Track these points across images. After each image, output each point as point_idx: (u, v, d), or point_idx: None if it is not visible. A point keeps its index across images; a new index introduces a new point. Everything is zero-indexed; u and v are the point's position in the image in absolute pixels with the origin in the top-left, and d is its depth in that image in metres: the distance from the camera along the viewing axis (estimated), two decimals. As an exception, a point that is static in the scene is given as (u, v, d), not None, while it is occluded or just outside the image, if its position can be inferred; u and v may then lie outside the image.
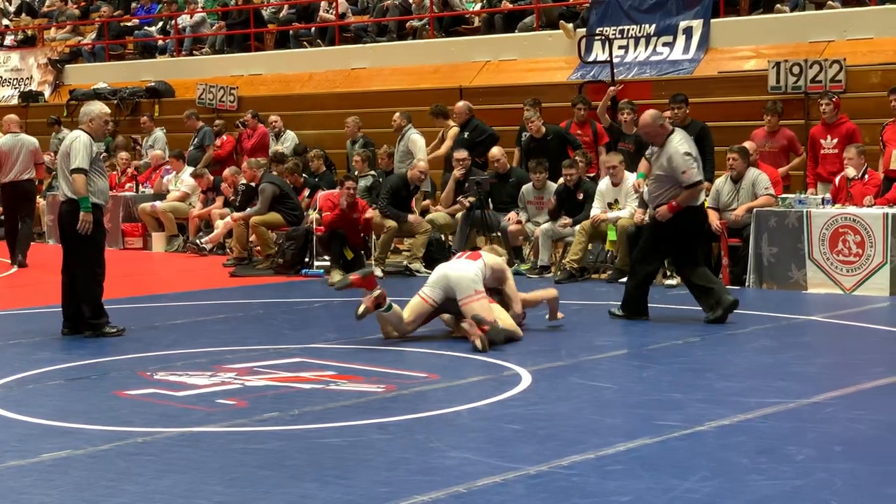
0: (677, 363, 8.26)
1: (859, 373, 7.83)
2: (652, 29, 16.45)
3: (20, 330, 10.16)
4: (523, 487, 5.31)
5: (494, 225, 13.63)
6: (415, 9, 19.55)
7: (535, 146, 14.30)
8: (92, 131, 9.73)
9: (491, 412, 6.85)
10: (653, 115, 10.14)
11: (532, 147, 14.35)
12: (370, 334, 9.51)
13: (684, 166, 9.81)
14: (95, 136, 9.77)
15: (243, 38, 21.54)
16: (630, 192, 12.70)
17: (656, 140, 10.03)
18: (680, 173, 9.81)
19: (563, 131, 14.60)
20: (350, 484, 5.41)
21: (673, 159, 9.84)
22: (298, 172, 15.43)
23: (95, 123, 9.76)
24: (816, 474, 5.47)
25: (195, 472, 5.67)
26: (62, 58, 23.92)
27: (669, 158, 9.86)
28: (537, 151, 14.13)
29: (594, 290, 12.18)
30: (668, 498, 5.13)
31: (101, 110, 9.87)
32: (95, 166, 9.70)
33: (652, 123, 10.03)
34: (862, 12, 15.41)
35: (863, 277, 11.41)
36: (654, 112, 10.25)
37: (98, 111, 9.82)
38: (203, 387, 7.63)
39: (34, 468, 5.79)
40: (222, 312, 11.09)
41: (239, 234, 14.89)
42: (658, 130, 10.00)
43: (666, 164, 9.89)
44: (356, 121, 16.50)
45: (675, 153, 9.85)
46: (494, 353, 8.60)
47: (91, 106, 9.98)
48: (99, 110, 9.85)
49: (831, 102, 12.99)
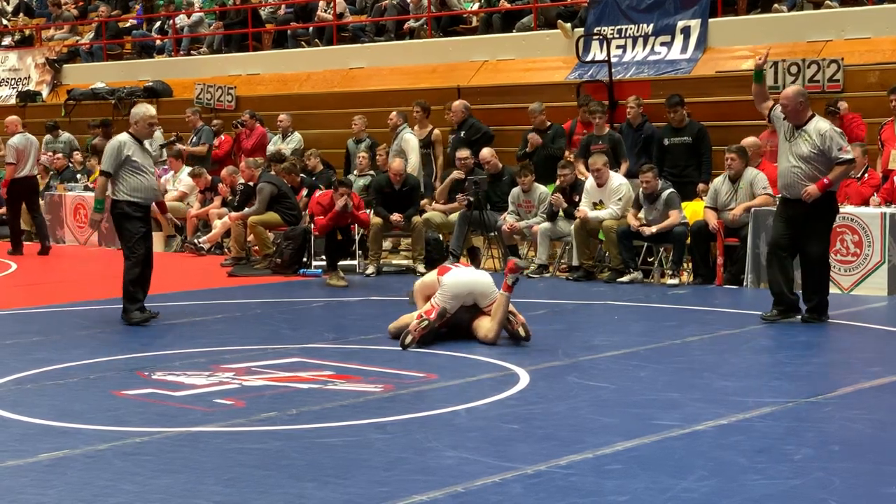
0: (675, 363, 8.26)
1: (857, 372, 7.84)
2: (650, 28, 16.45)
3: (18, 330, 10.16)
4: (521, 487, 5.31)
5: (492, 224, 13.64)
6: (412, 8, 19.54)
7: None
8: (136, 133, 10.47)
9: (489, 412, 6.85)
10: (797, 90, 9.80)
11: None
12: (368, 334, 9.51)
13: (842, 142, 9.60)
14: (140, 136, 10.50)
15: (241, 38, 21.54)
16: (613, 193, 12.76)
17: (798, 118, 9.61)
18: (837, 149, 9.51)
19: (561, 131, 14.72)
20: (348, 484, 5.41)
21: (829, 136, 9.52)
22: (295, 172, 15.42)
23: (139, 125, 10.45)
24: (814, 473, 5.47)
25: (193, 471, 5.67)
26: (60, 57, 23.92)
27: (823, 136, 9.50)
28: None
29: (591, 289, 12.19)
30: (665, 497, 5.13)
31: (145, 112, 10.52)
32: (129, 166, 10.28)
33: (794, 98, 9.62)
34: (859, 12, 15.42)
35: (861, 277, 11.42)
36: (799, 88, 9.93)
37: (141, 114, 10.49)
38: (201, 387, 7.62)
39: (31, 468, 5.79)
40: (220, 312, 11.09)
41: (237, 233, 14.89)
42: (799, 108, 9.59)
43: (818, 142, 9.49)
44: (363, 120, 16.53)
45: (827, 131, 9.55)
46: (493, 353, 8.61)
47: (135, 108, 10.76)
48: (143, 113, 10.50)
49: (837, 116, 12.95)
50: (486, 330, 8.96)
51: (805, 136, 9.59)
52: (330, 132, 18.02)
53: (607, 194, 12.92)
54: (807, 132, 9.58)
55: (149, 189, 10.44)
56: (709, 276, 12.26)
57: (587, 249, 12.97)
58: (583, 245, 12.93)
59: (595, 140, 13.98)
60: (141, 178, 10.32)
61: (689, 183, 13.31)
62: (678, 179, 13.21)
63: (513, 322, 8.99)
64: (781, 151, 9.81)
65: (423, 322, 8.88)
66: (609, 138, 13.95)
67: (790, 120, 9.66)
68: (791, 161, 9.63)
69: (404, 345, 8.82)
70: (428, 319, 8.89)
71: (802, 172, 9.59)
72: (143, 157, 10.42)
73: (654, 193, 12.46)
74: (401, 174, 13.99)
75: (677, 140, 13.69)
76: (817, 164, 9.56)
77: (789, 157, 9.65)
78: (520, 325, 8.96)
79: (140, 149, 10.42)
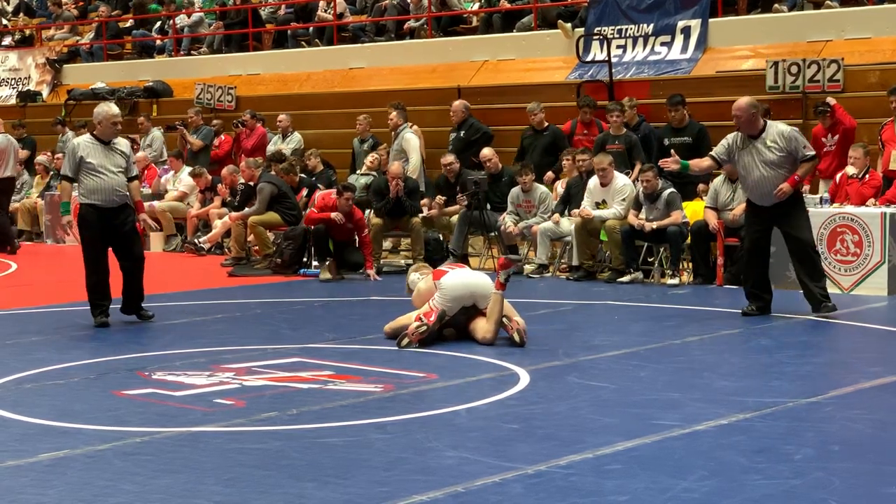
0: (675, 363, 8.26)
1: (857, 372, 7.83)
2: (650, 28, 16.45)
3: (18, 329, 10.16)
4: (521, 487, 5.31)
5: (492, 224, 13.64)
6: (413, 8, 19.54)
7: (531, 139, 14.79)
8: (100, 133, 10.22)
9: (489, 412, 6.85)
10: (749, 101, 10.04)
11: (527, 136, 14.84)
12: (368, 334, 9.51)
13: (803, 140, 10.04)
14: (104, 137, 10.21)
15: (241, 38, 21.54)
16: (617, 193, 12.76)
17: (753, 128, 9.90)
18: (803, 147, 9.90)
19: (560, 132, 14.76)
20: (348, 484, 5.41)
21: (791, 138, 9.87)
22: (295, 172, 15.43)
23: (103, 125, 10.21)
24: (814, 474, 5.47)
25: (193, 471, 5.67)
26: (60, 57, 23.90)
27: (787, 138, 9.85)
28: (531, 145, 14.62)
29: (591, 289, 12.19)
30: (665, 497, 5.13)
31: (108, 112, 10.25)
32: (85, 168, 10.10)
33: (747, 109, 9.91)
34: (860, 12, 15.42)
35: (861, 277, 11.42)
36: (751, 99, 10.14)
37: (104, 113, 10.24)
38: (201, 387, 7.62)
39: (31, 468, 5.78)
40: (220, 312, 11.09)
41: (237, 233, 14.89)
42: (752, 118, 9.89)
43: (783, 144, 9.82)
44: (367, 119, 16.54)
45: (788, 132, 9.90)
46: (493, 353, 8.61)
47: (99, 107, 10.39)
48: (106, 112, 10.24)
49: (827, 116, 13.03)
50: (484, 331, 8.93)
51: (767, 143, 9.87)
52: (330, 132, 18.03)
53: (611, 194, 12.91)
54: (768, 139, 9.88)
55: (107, 190, 10.11)
56: (709, 276, 12.27)
57: (587, 249, 12.97)
58: (583, 245, 12.93)
59: (612, 140, 13.97)
60: (98, 179, 10.07)
61: (690, 183, 13.31)
62: (678, 179, 13.20)
63: (507, 326, 8.91)
64: (747, 167, 9.96)
65: (422, 327, 8.86)
66: (626, 139, 13.92)
67: (744, 130, 9.94)
68: (762, 171, 9.88)
69: (400, 346, 8.82)
70: (427, 324, 8.87)
71: (777, 178, 9.86)
72: (105, 157, 10.13)
73: (654, 193, 12.46)
74: (398, 177, 13.95)
75: (677, 140, 13.69)
76: (788, 165, 9.88)
77: (758, 168, 9.89)
78: (515, 332, 8.84)
79: (102, 150, 10.15)
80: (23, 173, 19.99)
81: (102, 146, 10.19)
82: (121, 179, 10.19)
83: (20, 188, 19.80)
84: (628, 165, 13.56)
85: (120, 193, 10.20)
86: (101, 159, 10.11)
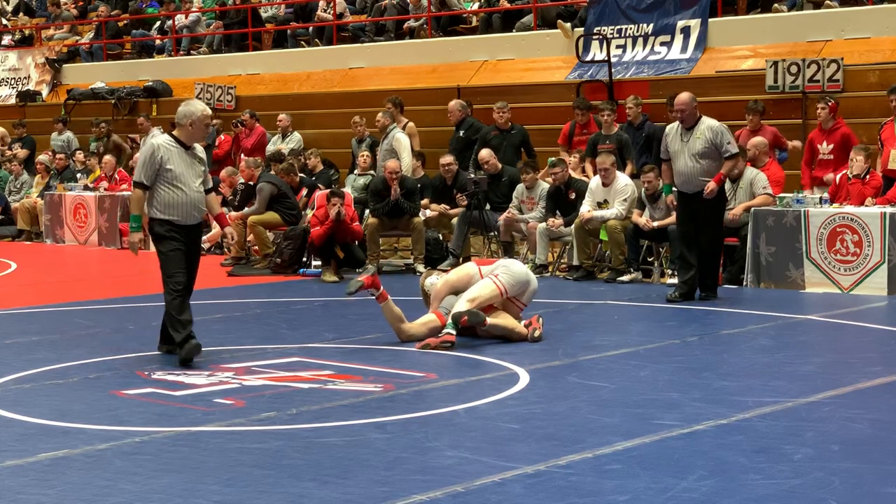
0: (675, 362, 8.26)
1: (857, 372, 7.83)
2: (650, 28, 16.46)
3: (18, 329, 10.16)
4: (521, 487, 5.31)
5: (492, 224, 13.65)
6: (412, 8, 19.54)
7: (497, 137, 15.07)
8: (186, 136, 8.49)
9: (489, 412, 6.85)
10: (690, 95, 10.97)
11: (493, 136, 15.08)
12: (368, 334, 9.51)
13: (730, 136, 10.92)
14: (189, 140, 8.50)
15: (241, 38, 21.54)
16: (619, 193, 12.76)
17: (689, 121, 10.83)
18: (727, 143, 10.80)
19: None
20: (348, 483, 5.41)
21: (719, 132, 10.78)
22: (294, 172, 15.42)
23: (195, 127, 8.51)
24: (814, 473, 5.47)
25: (193, 471, 5.67)
26: (60, 57, 23.91)
27: (714, 132, 10.77)
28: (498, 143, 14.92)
29: (591, 289, 12.19)
30: (665, 497, 5.13)
31: (203, 112, 8.54)
32: (164, 176, 8.39)
33: (690, 102, 10.84)
34: (859, 12, 15.42)
35: (860, 277, 11.42)
36: (690, 94, 11.02)
37: (195, 113, 8.48)
38: (201, 386, 7.62)
39: (31, 468, 5.78)
40: (220, 312, 11.09)
41: (237, 233, 14.87)
42: (694, 111, 10.85)
43: (710, 137, 10.74)
44: (363, 120, 16.53)
45: (717, 126, 10.83)
46: (493, 353, 8.61)
47: (184, 106, 8.59)
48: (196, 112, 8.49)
49: (827, 106, 12.99)
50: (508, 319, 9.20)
51: (697, 134, 10.81)
52: (330, 132, 18.03)
53: (613, 194, 12.90)
54: (699, 130, 10.81)
55: (188, 205, 8.46)
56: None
57: (587, 249, 12.97)
58: (583, 245, 12.93)
59: (603, 139, 13.99)
60: (178, 192, 8.39)
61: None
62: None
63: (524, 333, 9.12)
64: (678, 154, 10.90)
65: (446, 344, 8.82)
66: (617, 138, 13.94)
67: (686, 123, 10.88)
68: (688, 160, 10.84)
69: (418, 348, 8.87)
70: (451, 343, 8.81)
71: (700, 168, 10.80)
72: (187, 165, 8.45)
73: (655, 193, 12.45)
74: (396, 172, 13.95)
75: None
76: (711, 158, 10.78)
77: (686, 157, 10.85)
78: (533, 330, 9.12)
79: (185, 156, 8.46)
80: (22, 173, 20.01)
81: (185, 152, 8.46)
82: (201, 194, 8.56)
83: (20, 188, 19.82)
84: (620, 165, 13.55)
85: (200, 209, 8.63)
86: (182, 167, 8.41)
